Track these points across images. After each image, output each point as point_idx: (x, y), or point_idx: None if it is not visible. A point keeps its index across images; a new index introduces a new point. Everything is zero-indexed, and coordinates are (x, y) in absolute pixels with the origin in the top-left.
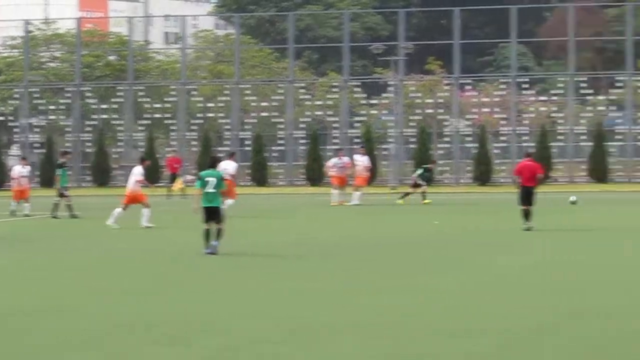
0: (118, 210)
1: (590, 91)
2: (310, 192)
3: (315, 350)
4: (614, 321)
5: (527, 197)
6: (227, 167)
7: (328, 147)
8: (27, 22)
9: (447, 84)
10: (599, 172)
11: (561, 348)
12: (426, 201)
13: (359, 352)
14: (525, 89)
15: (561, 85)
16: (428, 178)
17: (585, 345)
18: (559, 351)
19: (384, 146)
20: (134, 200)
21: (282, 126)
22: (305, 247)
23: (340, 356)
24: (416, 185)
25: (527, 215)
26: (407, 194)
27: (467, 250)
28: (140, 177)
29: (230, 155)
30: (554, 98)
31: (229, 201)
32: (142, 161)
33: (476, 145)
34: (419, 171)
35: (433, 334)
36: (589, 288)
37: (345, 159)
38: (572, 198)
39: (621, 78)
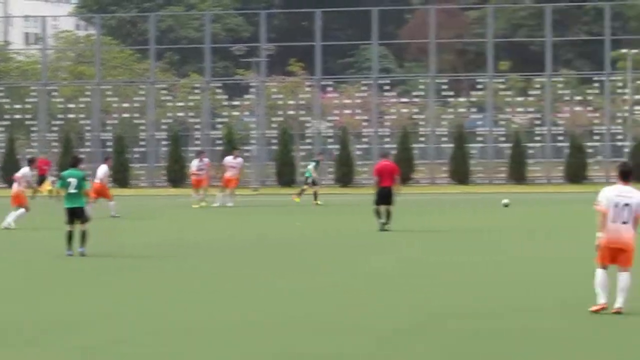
0: (21, 211)
1: (451, 93)
2: (172, 194)
3: (180, 351)
4: (481, 321)
5: (385, 198)
6: (99, 171)
7: (190, 148)
8: None
9: (309, 86)
10: (460, 174)
11: (432, 347)
12: (318, 202)
13: (224, 353)
14: (387, 90)
15: (422, 87)
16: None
17: (455, 345)
18: (430, 350)
19: (245, 147)
20: (21, 200)
21: (143, 127)
22: (166, 248)
23: (206, 357)
24: (313, 184)
25: (387, 214)
26: (302, 191)
27: (331, 252)
28: (29, 178)
29: (105, 159)
30: (415, 100)
31: (111, 203)
32: (30, 162)
33: (338, 146)
34: (310, 165)
35: (308, 333)
36: (454, 288)
37: (206, 160)
38: (505, 201)
39: (482, 80)
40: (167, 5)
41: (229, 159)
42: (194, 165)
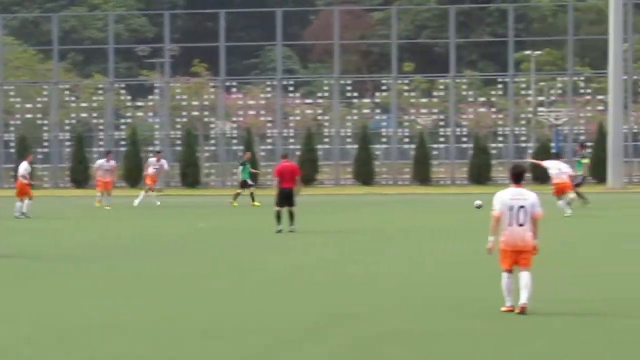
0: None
1: (356, 94)
2: (76, 195)
3: (81, 352)
4: (377, 322)
5: (286, 199)
6: (20, 167)
7: (94, 149)
8: None
9: (213, 87)
10: (364, 175)
11: (326, 349)
12: (256, 203)
13: (126, 354)
14: (291, 91)
15: (326, 88)
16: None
17: (351, 346)
18: (323, 353)
19: (150, 148)
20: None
21: (46, 128)
22: (69, 249)
23: (107, 357)
24: (245, 185)
25: (290, 216)
26: (237, 194)
27: (235, 252)
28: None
29: (26, 156)
30: (320, 101)
31: (26, 202)
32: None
33: (242, 147)
34: (240, 168)
35: (200, 335)
36: (354, 289)
37: (112, 162)
38: (477, 202)
39: (386, 81)
40: (70, 5)
41: (152, 161)
42: (99, 164)
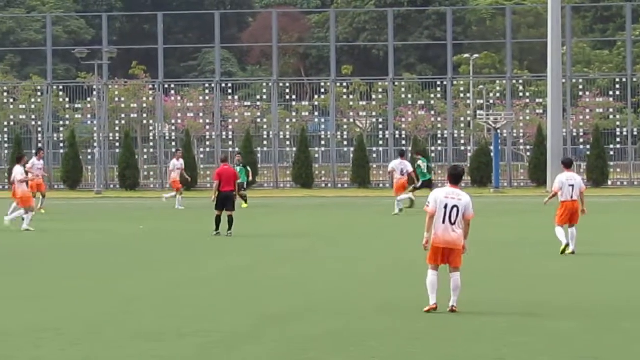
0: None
1: (294, 97)
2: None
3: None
4: (313, 322)
5: (226, 202)
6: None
7: (33, 150)
8: None
9: (152, 89)
10: (303, 178)
11: (262, 350)
12: (244, 205)
13: (63, 358)
14: (230, 94)
15: (265, 90)
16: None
17: (287, 347)
18: (260, 354)
19: (89, 151)
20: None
21: None
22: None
23: None
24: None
25: (229, 220)
26: (244, 196)
27: (170, 254)
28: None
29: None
30: (259, 103)
31: None
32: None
33: (180, 149)
34: (239, 169)
35: (130, 337)
36: (288, 290)
37: (39, 164)
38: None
39: (325, 84)
40: (7, 7)
41: (175, 163)
42: (31, 163)
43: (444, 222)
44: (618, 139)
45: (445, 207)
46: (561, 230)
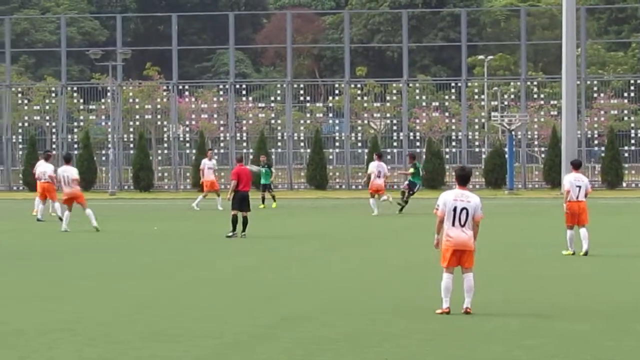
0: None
1: (308, 98)
2: (29, 198)
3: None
4: (329, 324)
5: (243, 202)
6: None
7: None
8: None
9: (166, 90)
10: (317, 179)
11: (277, 351)
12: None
13: (75, 358)
14: (244, 95)
15: (279, 91)
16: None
17: (303, 348)
18: (274, 355)
19: (103, 152)
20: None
21: None
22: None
23: None
24: (266, 188)
25: (243, 221)
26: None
27: (184, 255)
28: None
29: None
30: (272, 104)
31: None
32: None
33: (195, 151)
34: (264, 170)
35: (144, 338)
36: (304, 291)
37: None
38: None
39: (339, 85)
40: (22, 8)
41: (206, 162)
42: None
43: (454, 224)
44: (633, 141)
45: (455, 209)
46: (572, 234)
